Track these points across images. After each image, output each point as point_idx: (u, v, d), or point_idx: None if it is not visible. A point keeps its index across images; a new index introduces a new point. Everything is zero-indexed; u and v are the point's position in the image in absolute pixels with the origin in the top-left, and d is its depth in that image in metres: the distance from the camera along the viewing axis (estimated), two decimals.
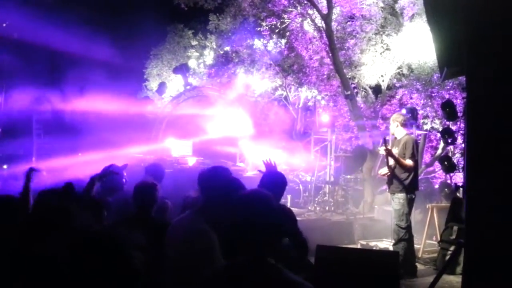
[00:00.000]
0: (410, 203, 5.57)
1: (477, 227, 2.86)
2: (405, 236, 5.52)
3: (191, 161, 8.94)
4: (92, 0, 14.08)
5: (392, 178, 5.61)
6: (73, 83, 10.92)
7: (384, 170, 5.73)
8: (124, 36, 14.81)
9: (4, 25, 11.13)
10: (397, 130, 5.84)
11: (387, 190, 5.93)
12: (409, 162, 5.53)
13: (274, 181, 3.37)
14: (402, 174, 5.56)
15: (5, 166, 9.48)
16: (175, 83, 15.38)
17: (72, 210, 2.37)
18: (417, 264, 6.04)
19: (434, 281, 3.73)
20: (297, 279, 1.76)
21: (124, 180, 4.21)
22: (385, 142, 5.72)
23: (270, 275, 1.75)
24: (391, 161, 5.59)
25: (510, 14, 3.04)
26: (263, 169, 3.60)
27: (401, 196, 5.53)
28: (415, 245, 7.18)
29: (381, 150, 5.72)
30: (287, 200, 9.20)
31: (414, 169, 5.61)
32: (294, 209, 8.61)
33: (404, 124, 5.87)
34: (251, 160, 9.55)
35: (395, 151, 5.66)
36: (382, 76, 11.86)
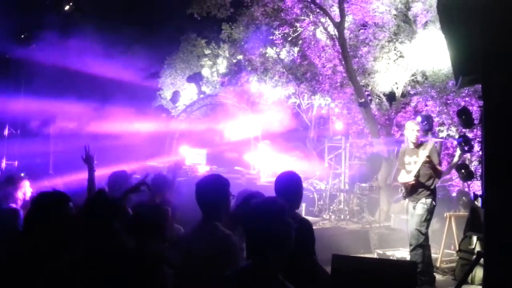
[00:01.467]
0: (433, 210, 5.53)
1: (496, 237, 2.81)
2: (425, 242, 5.44)
3: (205, 170, 8.97)
4: (105, 11, 14.33)
5: (417, 185, 5.52)
6: (88, 95, 11.10)
7: (407, 178, 5.56)
8: (139, 45, 15.05)
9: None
10: (419, 138, 5.71)
11: (405, 198, 5.77)
12: (439, 168, 5.57)
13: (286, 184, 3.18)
14: (428, 181, 5.52)
15: (22, 174, 9.66)
16: (188, 91, 15.52)
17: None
18: (435, 274, 5.94)
19: None
20: None
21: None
22: (404, 149, 5.72)
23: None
24: (415, 170, 5.46)
25: None
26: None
27: (425, 201, 5.47)
28: (433, 255, 7.10)
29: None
30: (301, 208, 9.17)
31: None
32: (309, 218, 8.63)
33: (419, 131, 5.79)
34: (264, 168, 9.53)
35: (415, 159, 5.56)
36: (396, 83, 11.80)
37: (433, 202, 5.52)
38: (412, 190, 5.60)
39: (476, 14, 3.27)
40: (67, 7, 12.04)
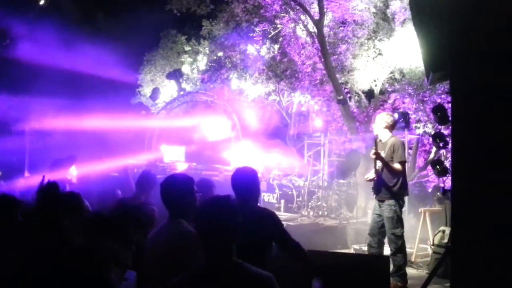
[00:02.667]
0: (401, 209, 5.30)
1: (462, 231, 2.86)
2: (403, 245, 5.24)
3: (183, 167, 8.91)
4: (84, 6, 14.09)
5: (380, 183, 5.31)
6: (64, 91, 10.89)
7: (371, 175, 5.44)
8: (117, 42, 14.81)
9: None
10: (383, 132, 5.42)
11: (374, 197, 5.54)
12: (397, 166, 5.23)
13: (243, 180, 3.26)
14: (392, 179, 5.26)
15: None
16: (168, 88, 15.40)
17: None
18: (410, 267, 6.02)
19: (424, 284, 3.73)
20: (260, 271, 1.94)
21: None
22: (376, 144, 5.33)
23: (235, 271, 1.90)
24: (378, 165, 5.28)
25: (493, 19, 3.07)
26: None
27: (392, 203, 5.22)
28: (408, 250, 7.18)
29: (371, 153, 5.28)
30: (280, 205, 9.19)
31: (404, 174, 5.33)
32: (287, 214, 8.68)
33: (390, 126, 5.47)
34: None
35: (382, 154, 5.32)
36: (374, 80, 11.92)
37: (401, 202, 5.27)
38: (376, 188, 5.37)
39: (446, 12, 3.31)
40: (42, 2, 11.77)
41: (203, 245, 1.94)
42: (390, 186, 5.25)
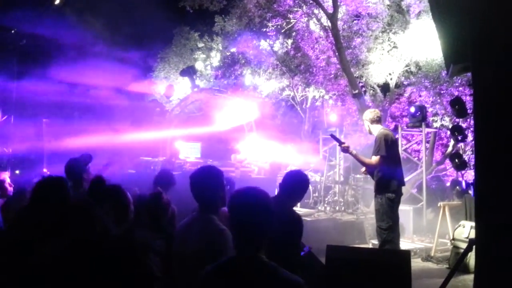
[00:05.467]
0: (389, 203, 5.02)
1: (487, 225, 2.82)
2: (388, 237, 5.05)
3: (200, 163, 8.95)
4: (95, 5, 14.20)
5: (373, 178, 5.19)
6: (79, 89, 11.03)
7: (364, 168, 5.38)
8: (131, 40, 14.92)
9: (12, 31, 11.24)
10: (372, 128, 5.28)
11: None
12: (371, 160, 5.04)
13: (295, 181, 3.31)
14: (377, 173, 5.07)
15: (17, 171, 9.61)
16: (182, 85, 15.43)
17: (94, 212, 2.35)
18: (429, 263, 5.96)
19: (446, 280, 3.68)
20: (293, 277, 1.81)
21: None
22: (335, 138, 5.30)
23: (266, 272, 1.79)
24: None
25: None
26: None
27: (378, 196, 5.10)
28: (427, 244, 7.14)
29: (340, 150, 5.23)
30: None
31: (388, 167, 5.02)
32: (304, 210, 8.65)
33: (376, 120, 5.24)
34: (258, 162, 9.51)
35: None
36: (390, 74, 11.80)
37: (388, 195, 5.00)
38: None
39: (467, 2, 3.25)
40: (57, 1, 11.88)
41: (234, 237, 1.87)
42: (375, 180, 5.11)
